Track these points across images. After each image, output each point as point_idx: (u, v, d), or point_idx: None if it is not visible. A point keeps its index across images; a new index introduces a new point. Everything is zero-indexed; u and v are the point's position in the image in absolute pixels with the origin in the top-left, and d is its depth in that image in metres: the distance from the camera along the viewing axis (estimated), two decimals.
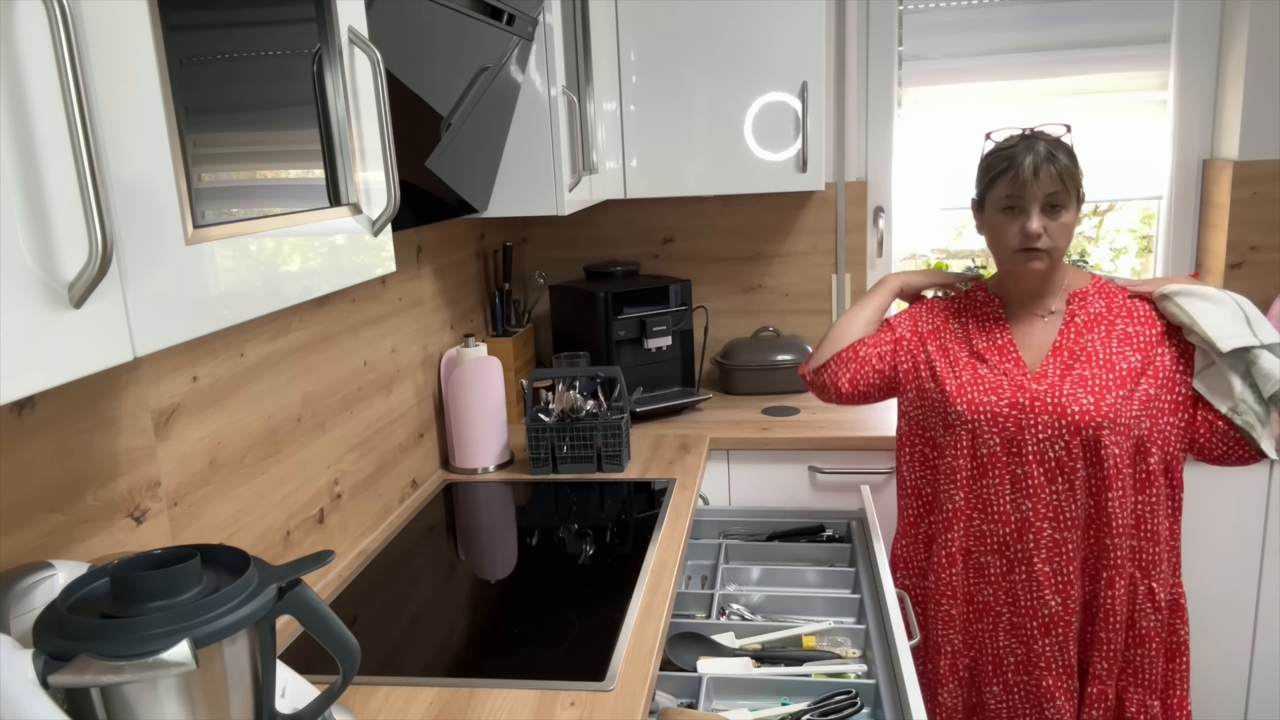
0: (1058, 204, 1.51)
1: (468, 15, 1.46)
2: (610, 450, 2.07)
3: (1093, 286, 1.65)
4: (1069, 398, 1.57)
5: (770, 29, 2.33)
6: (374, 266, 1.04)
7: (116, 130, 0.64)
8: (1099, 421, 1.55)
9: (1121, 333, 1.61)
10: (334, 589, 1.55)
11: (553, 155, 1.92)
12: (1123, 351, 1.59)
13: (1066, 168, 1.49)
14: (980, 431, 1.61)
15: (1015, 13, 2.63)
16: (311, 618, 0.85)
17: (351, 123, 0.97)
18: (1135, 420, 1.56)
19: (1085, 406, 1.56)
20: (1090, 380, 1.58)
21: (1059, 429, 1.57)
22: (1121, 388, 1.57)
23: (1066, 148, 1.53)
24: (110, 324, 0.64)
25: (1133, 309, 1.62)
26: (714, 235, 2.79)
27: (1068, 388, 1.57)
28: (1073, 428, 1.56)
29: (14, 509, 0.96)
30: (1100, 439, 1.55)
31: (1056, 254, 1.55)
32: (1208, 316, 1.53)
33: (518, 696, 1.21)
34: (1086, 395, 1.56)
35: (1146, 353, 1.59)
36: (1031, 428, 1.58)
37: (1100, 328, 1.61)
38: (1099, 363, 1.58)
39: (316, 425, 1.58)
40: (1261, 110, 2.48)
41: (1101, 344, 1.60)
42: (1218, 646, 2.25)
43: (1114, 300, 1.64)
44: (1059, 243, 1.53)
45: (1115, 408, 1.55)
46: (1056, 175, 1.48)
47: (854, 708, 1.32)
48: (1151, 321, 1.61)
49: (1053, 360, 1.61)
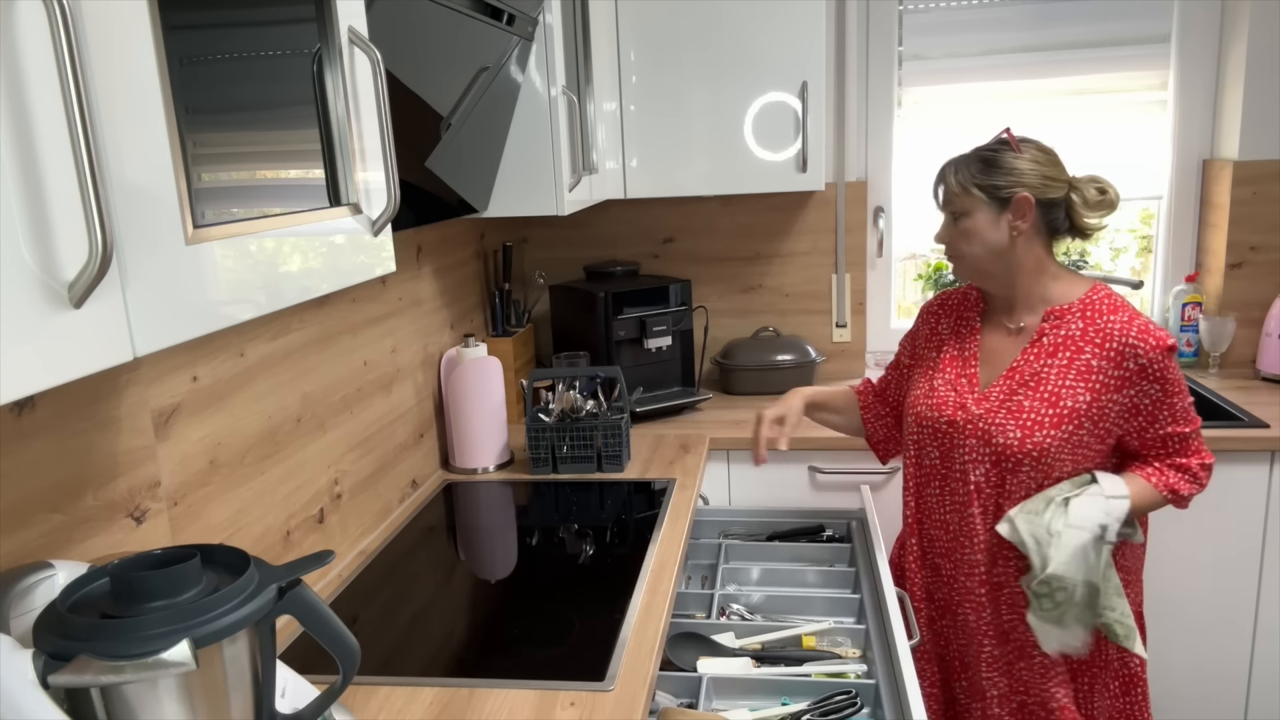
0: (957, 211, 1.54)
1: (468, 15, 1.46)
2: (610, 450, 2.07)
3: (1080, 303, 1.53)
4: (998, 427, 1.52)
5: (770, 29, 2.33)
6: (374, 266, 1.04)
7: (116, 130, 0.64)
8: (1019, 456, 1.50)
9: (1084, 365, 1.49)
10: (334, 589, 1.55)
11: (553, 155, 1.92)
12: (1074, 388, 1.48)
13: (968, 177, 1.51)
14: (923, 443, 1.63)
15: (1015, 13, 2.63)
16: (311, 618, 0.85)
17: (351, 123, 0.97)
18: (1059, 463, 1.50)
19: (1011, 439, 1.50)
20: (1026, 412, 1.50)
21: (982, 454, 1.54)
22: (1056, 426, 1.48)
23: (982, 158, 1.52)
24: (110, 324, 0.64)
25: (1109, 336, 1.48)
26: (714, 235, 2.79)
27: (1001, 416, 1.52)
28: (993, 456, 1.53)
29: (14, 509, 0.96)
30: (1020, 472, 1.51)
31: (967, 259, 1.56)
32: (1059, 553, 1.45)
33: (518, 696, 1.21)
34: (1016, 428, 1.50)
35: (1098, 395, 1.47)
36: (960, 448, 1.56)
37: (1065, 353, 1.50)
38: (1044, 394, 1.50)
39: (316, 425, 1.58)
40: (1261, 110, 2.48)
41: (1058, 373, 1.50)
42: (1218, 646, 2.25)
43: (1096, 322, 1.50)
44: (961, 248, 1.55)
45: (1041, 445, 1.48)
46: (956, 184, 1.53)
47: (854, 708, 1.32)
48: (1119, 360, 1.47)
49: (1002, 382, 1.55)
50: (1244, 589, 2.21)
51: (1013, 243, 1.51)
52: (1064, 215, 1.53)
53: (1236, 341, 2.60)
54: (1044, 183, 1.50)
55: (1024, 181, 1.49)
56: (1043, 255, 1.54)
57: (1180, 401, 1.48)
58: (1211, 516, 2.18)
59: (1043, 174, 1.50)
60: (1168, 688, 2.29)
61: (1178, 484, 1.51)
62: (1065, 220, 1.53)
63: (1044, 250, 1.54)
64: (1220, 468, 2.15)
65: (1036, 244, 1.53)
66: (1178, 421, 1.49)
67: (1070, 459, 1.50)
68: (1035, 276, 1.54)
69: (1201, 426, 1.54)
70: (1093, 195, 1.51)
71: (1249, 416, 2.22)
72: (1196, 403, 2.42)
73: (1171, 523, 2.20)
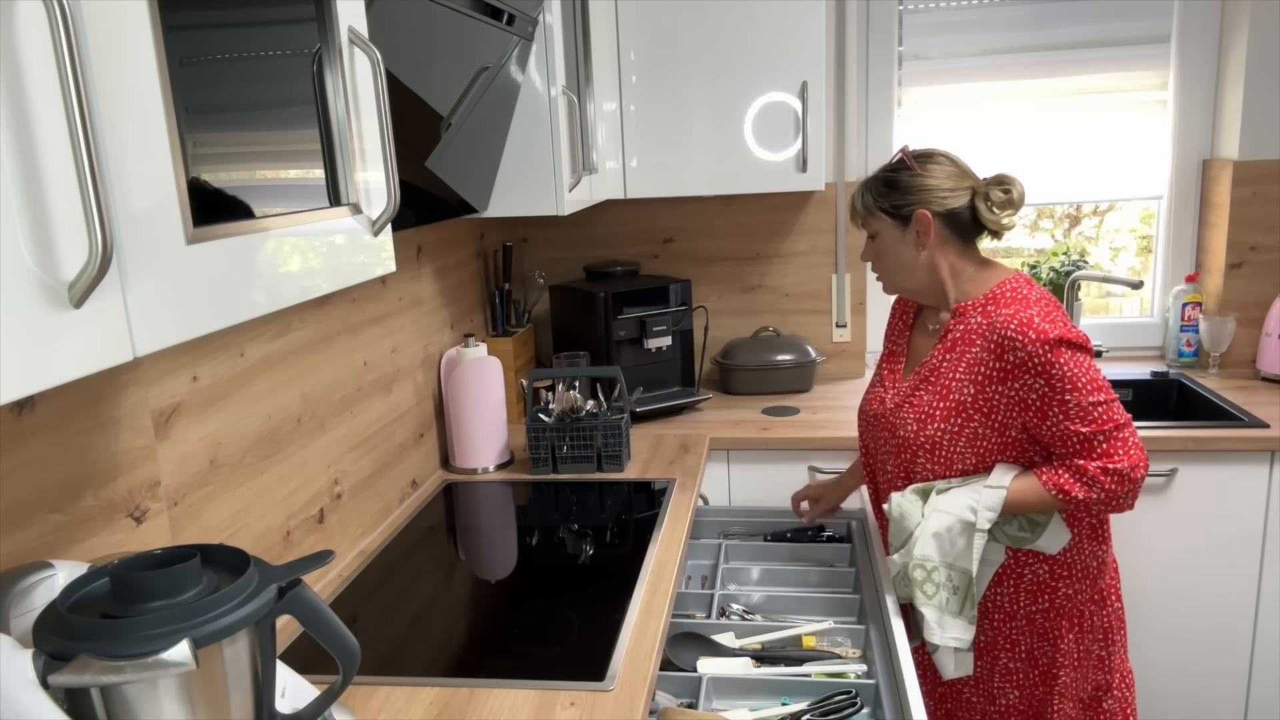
0: (869, 231, 1.64)
1: (468, 15, 1.46)
2: (610, 450, 2.07)
3: (984, 298, 1.54)
4: (900, 420, 1.60)
5: (770, 29, 2.33)
6: (374, 266, 1.04)
7: (116, 130, 0.64)
8: (915, 448, 1.57)
9: (973, 358, 1.51)
10: (334, 589, 1.55)
11: (553, 155, 1.92)
12: (963, 381, 1.52)
13: (872, 200, 1.60)
14: (862, 435, 1.76)
15: (1015, 13, 2.63)
16: (311, 618, 0.85)
17: (351, 123, 0.97)
18: (960, 455, 1.53)
19: (909, 432, 1.58)
20: (921, 406, 1.57)
21: (891, 446, 1.63)
22: (945, 420, 1.53)
23: (884, 179, 1.59)
24: (110, 324, 0.64)
25: (994, 329, 1.48)
26: (714, 235, 2.79)
27: (904, 410, 1.60)
28: (898, 448, 1.61)
29: (14, 509, 0.96)
30: (916, 465, 1.58)
31: (885, 275, 1.64)
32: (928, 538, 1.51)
33: (518, 696, 1.21)
34: (914, 421, 1.57)
35: (983, 387, 1.49)
36: (879, 440, 1.68)
37: (961, 348, 1.54)
38: (938, 388, 1.55)
39: (316, 425, 1.58)
40: (1261, 110, 2.48)
41: (950, 367, 1.54)
42: (1218, 647, 2.25)
43: (990, 316, 1.51)
44: (877, 267, 1.65)
45: (933, 438, 1.54)
46: (863, 207, 1.62)
47: (854, 708, 1.32)
48: (1000, 353, 1.47)
49: (912, 378, 1.62)
50: (1244, 589, 2.21)
51: (921, 255, 1.58)
52: (972, 219, 1.56)
53: (1236, 341, 2.60)
54: (945, 195, 1.55)
55: (923, 198, 1.55)
56: (956, 260, 1.58)
57: (1077, 399, 1.42)
58: (1211, 516, 2.18)
59: (943, 187, 1.55)
60: (1167, 688, 2.29)
61: (1068, 485, 1.44)
62: (974, 223, 1.57)
63: (957, 255, 1.58)
64: (1220, 468, 2.15)
65: (949, 251, 1.58)
66: (1072, 419, 1.43)
67: (970, 451, 1.53)
68: (949, 281, 1.59)
69: (1123, 427, 1.43)
70: (998, 197, 1.55)
71: (1249, 416, 2.22)
72: (1196, 402, 2.44)
73: (1172, 523, 2.20)
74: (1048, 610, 1.56)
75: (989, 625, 1.59)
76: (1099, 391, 1.43)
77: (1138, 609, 2.26)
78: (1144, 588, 2.24)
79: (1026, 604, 1.56)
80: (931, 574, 1.49)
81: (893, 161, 1.60)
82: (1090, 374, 1.44)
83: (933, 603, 1.49)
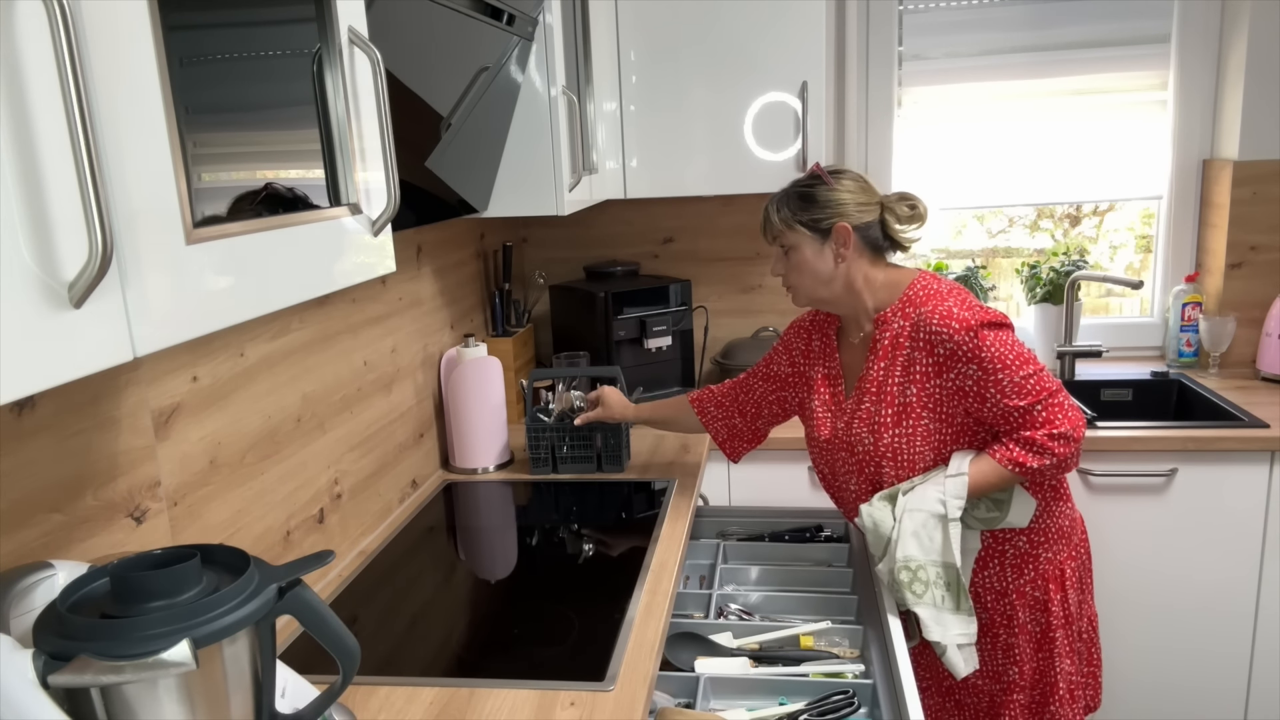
0: (785, 245, 1.64)
1: (468, 15, 1.46)
2: (610, 450, 2.07)
3: (900, 301, 1.59)
4: (855, 437, 1.62)
5: (770, 29, 2.33)
6: (374, 266, 1.04)
7: (116, 130, 0.64)
8: (877, 459, 1.59)
9: (906, 359, 1.56)
10: (334, 589, 1.55)
11: (553, 155, 1.92)
12: (903, 384, 1.56)
13: (789, 214, 1.61)
14: (817, 462, 1.76)
15: (1015, 13, 2.63)
16: (311, 618, 0.85)
17: (351, 123, 0.97)
18: (919, 454, 1.56)
19: (866, 446, 1.60)
20: (871, 416, 1.59)
21: (851, 465, 1.65)
22: (897, 425, 1.56)
23: (800, 194, 1.61)
24: (110, 324, 0.64)
25: (919, 327, 1.54)
26: (714, 235, 2.79)
27: (855, 426, 1.62)
28: (857, 466, 1.63)
29: (14, 509, 0.96)
30: (881, 475, 1.59)
31: (801, 289, 1.65)
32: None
33: (518, 696, 1.21)
34: (869, 434, 1.59)
35: (923, 385, 1.54)
36: (837, 462, 1.69)
37: (893, 353, 1.58)
38: (883, 397, 1.58)
39: (316, 425, 1.58)
40: (1261, 110, 2.48)
41: (887, 373, 1.58)
42: (1218, 646, 2.25)
43: (912, 316, 1.56)
44: (794, 279, 1.65)
45: (891, 446, 1.57)
46: (779, 222, 1.63)
47: (851, 708, 1.32)
48: (930, 348, 1.53)
49: (855, 394, 1.64)
50: (1244, 589, 2.21)
51: (839, 268, 1.61)
52: (881, 233, 1.62)
53: (1236, 341, 2.60)
54: (859, 209, 1.59)
55: (840, 211, 1.59)
56: (869, 271, 1.62)
57: (1009, 375, 1.48)
58: (1211, 516, 2.18)
59: (856, 201, 1.60)
60: (1168, 687, 2.29)
61: (1021, 456, 1.50)
62: (883, 237, 1.63)
63: (869, 266, 1.62)
64: (1220, 468, 2.15)
65: (862, 263, 1.61)
66: (1008, 395, 1.49)
67: (929, 449, 1.56)
68: (865, 292, 1.62)
69: (1056, 392, 1.49)
70: (904, 212, 1.62)
71: (1249, 416, 2.22)
72: (1195, 402, 2.44)
73: (1171, 523, 2.20)
74: (1035, 579, 1.60)
75: (984, 609, 1.62)
76: (1027, 364, 1.50)
77: (1138, 608, 2.26)
78: (1144, 587, 2.24)
79: (1015, 578, 1.60)
80: (918, 573, 1.50)
81: (807, 177, 1.64)
82: (1016, 349, 1.50)
83: (924, 601, 1.50)
